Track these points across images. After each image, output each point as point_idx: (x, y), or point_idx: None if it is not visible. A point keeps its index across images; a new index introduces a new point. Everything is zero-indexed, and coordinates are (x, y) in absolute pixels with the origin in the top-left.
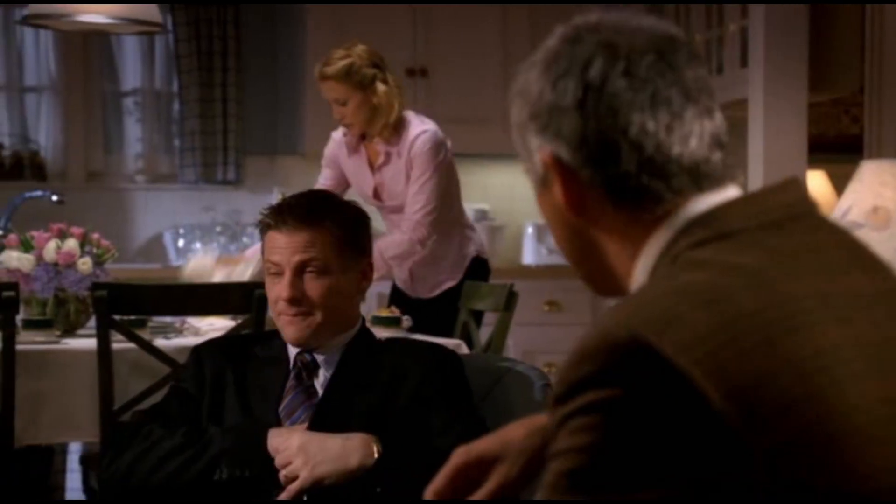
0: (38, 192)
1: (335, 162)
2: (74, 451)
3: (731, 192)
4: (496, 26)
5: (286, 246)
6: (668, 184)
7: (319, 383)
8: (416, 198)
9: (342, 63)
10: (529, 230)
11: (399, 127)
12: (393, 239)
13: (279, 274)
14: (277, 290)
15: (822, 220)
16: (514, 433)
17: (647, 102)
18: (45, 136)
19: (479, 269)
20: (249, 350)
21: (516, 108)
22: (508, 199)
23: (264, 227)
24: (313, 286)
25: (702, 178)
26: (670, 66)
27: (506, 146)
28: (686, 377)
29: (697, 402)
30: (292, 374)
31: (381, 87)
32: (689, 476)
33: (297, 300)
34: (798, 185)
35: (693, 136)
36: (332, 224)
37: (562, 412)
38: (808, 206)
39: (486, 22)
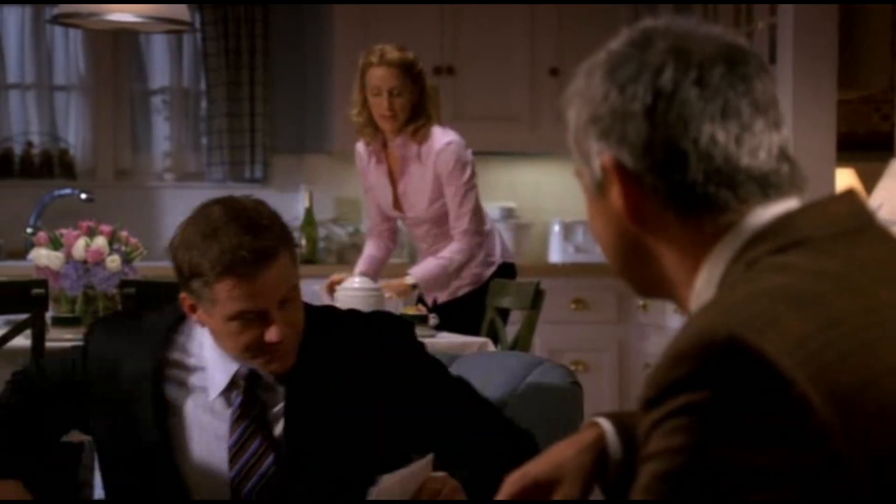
0: (67, 191)
1: (367, 178)
2: None
3: (791, 203)
4: (524, 25)
5: (261, 289)
6: (736, 193)
7: (273, 403)
8: (461, 211)
9: (406, 54)
10: (556, 228)
11: (427, 133)
12: (452, 252)
13: (253, 320)
14: (251, 336)
15: (884, 232)
16: (564, 453)
17: (718, 113)
18: (75, 134)
19: (505, 273)
20: (164, 358)
21: (574, 111)
22: (535, 197)
23: (212, 279)
24: (295, 313)
25: (769, 188)
26: (741, 77)
27: (533, 144)
28: (787, 379)
29: (796, 405)
30: (237, 403)
31: (430, 84)
32: (785, 480)
33: (288, 336)
34: (856, 197)
35: (762, 149)
36: (285, 241)
37: (655, 415)
38: (868, 218)
39: (513, 20)
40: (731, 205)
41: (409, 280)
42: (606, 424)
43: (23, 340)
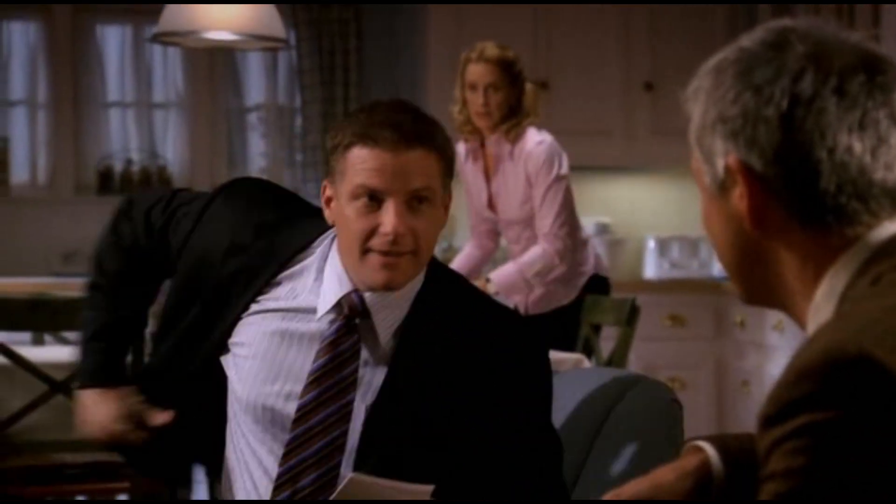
0: None
1: (465, 178)
2: None
3: None
4: (618, 39)
5: (394, 168)
6: (867, 205)
7: (368, 346)
8: (544, 211)
9: (507, 52)
10: (651, 244)
11: (521, 133)
12: (532, 256)
13: (374, 201)
14: (370, 223)
15: None
16: (665, 477)
17: (856, 124)
18: (173, 151)
19: (598, 286)
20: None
21: (700, 107)
22: (630, 212)
23: (349, 143)
24: (423, 221)
25: None
26: (881, 87)
27: (627, 159)
28: None
29: None
30: (333, 328)
31: (529, 86)
32: None
33: (404, 237)
34: None
35: None
36: (439, 145)
37: (776, 433)
38: None
39: (607, 34)
40: (861, 217)
41: (491, 287)
42: (710, 450)
43: None
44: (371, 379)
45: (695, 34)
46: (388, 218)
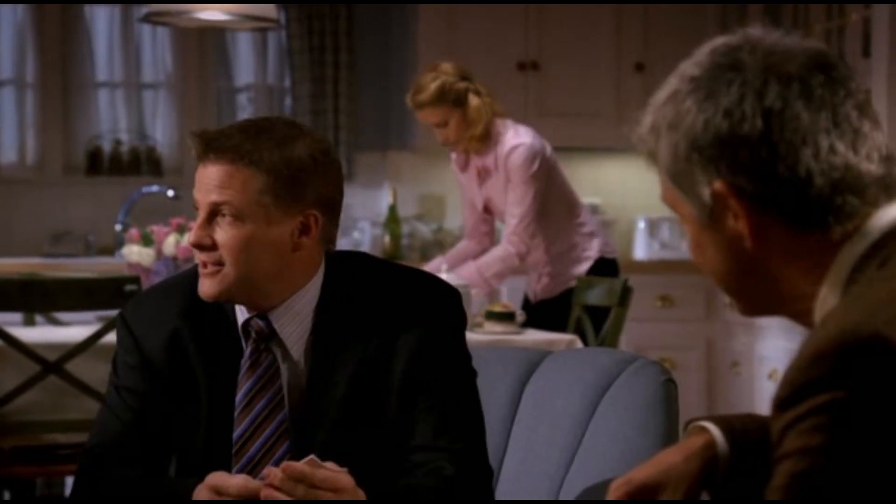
0: (155, 188)
1: (460, 183)
2: None
3: None
4: (609, 19)
5: (205, 182)
6: (863, 198)
7: (282, 360)
8: (512, 210)
9: (433, 86)
10: (641, 224)
11: (491, 139)
12: (491, 256)
13: (199, 217)
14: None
15: None
16: (672, 459)
17: (830, 123)
18: (162, 131)
19: (606, 269)
20: (197, 316)
21: (668, 143)
22: (620, 193)
23: (196, 157)
24: (224, 234)
25: (891, 187)
26: (839, 82)
27: (617, 140)
28: None
29: None
30: (247, 352)
31: (473, 99)
32: None
33: (204, 247)
34: None
35: (875, 150)
36: (263, 164)
37: (791, 415)
38: None
39: (598, 15)
40: (859, 209)
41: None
42: (715, 430)
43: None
44: (293, 392)
45: (687, 14)
46: (191, 231)
